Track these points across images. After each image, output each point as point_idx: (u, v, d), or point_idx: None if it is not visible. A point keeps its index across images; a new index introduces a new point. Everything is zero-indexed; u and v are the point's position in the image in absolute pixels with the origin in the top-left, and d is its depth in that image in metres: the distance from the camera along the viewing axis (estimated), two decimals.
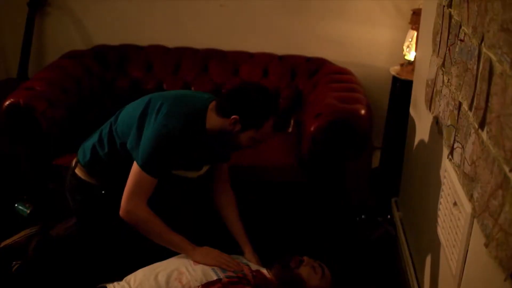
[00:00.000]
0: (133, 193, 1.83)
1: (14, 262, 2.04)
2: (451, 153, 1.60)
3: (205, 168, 2.07)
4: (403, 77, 2.73)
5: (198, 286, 1.76)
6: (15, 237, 2.16)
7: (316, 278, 1.92)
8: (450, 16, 1.70)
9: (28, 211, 2.55)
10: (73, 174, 2.05)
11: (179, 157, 1.88)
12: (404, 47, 2.81)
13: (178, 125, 1.80)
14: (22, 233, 2.18)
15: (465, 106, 1.46)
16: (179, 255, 1.91)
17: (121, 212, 1.84)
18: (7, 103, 2.48)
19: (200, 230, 2.21)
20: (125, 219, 1.84)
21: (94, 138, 2.02)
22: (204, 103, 1.91)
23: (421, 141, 2.19)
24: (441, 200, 1.71)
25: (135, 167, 1.83)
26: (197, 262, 1.86)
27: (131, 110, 1.96)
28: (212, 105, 1.90)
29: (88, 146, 2.02)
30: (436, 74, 1.89)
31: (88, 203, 2.07)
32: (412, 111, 2.51)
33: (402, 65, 2.82)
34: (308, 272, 1.92)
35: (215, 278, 1.79)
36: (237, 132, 1.85)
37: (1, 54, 3.46)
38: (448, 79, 1.68)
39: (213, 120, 1.88)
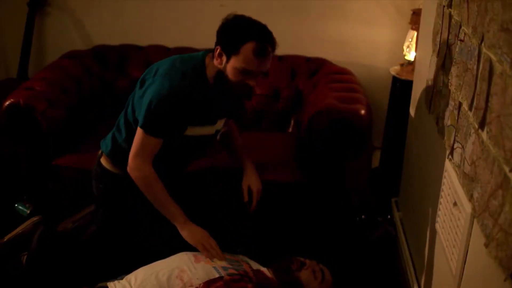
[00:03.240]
0: (137, 153, 1.89)
1: (22, 254, 2.06)
2: (451, 153, 1.60)
3: (220, 122, 2.08)
4: (403, 77, 2.72)
5: (200, 284, 1.76)
6: (18, 229, 2.17)
7: (315, 283, 1.91)
8: (450, 16, 1.70)
9: (28, 211, 2.55)
10: (98, 163, 2.09)
11: (188, 113, 1.89)
12: (404, 47, 2.81)
13: (175, 82, 1.83)
14: (25, 224, 2.19)
15: (465, 106, 1.46)
16: (180, 254, 1.91)
17: (127, 168, 1.91)
18: (7, 103, 2.48)
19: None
20: (131, 176, 1.91)
21: (113, 129, 2.07)
22: (200, 57, 1.94)
23: (421, 141, 2.19)
24: (441, 200, 1.71)
25: (138, 128, 1.88)
26: (183, 237, 1.90)
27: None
28: (209, 56, 1.92)
29: (109, 136, 2.07)
30: (436, 74, 1.89)
31: (108, 192, 2.10)
32: (412, 111, 2.50)
33: (402, 65, 2.82)
34: (307, 276, 1.92)
35: (216, 276, 1.80)
36: (224, 66, 1.85)
37: (1, 54, 3.46)
38: (448, 79, 1.69)
39: (211, 67, 1.90)
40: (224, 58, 1.84)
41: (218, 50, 1.84)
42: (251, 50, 1.79)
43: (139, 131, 1.88)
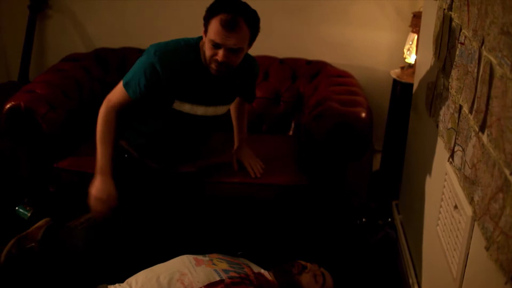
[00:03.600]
0: (110, 98, 2.04)
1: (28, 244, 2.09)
2: (452, 156, 1.60)
3: (221, 108, 2.14)
4: (403, 80, 2.73)
5: (201, 287, 1.76)
6: (32, 228, 2.19)
7: (316, 287, 1.91)
8: (451, 19, 1.70)
9: (29, 214, 2.55)
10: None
11: (172, 85, 1.95)
12: (405, 50, 2.81)
13: (165, 51, 1.93)
14: (38, 224, 2.21)
15: (465, 109, 1.46)
16: (181, 256, 1.91)
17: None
18: (8, 106, 2.48)
19: (202, 233, 2.21)
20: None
21: None
22: (195, 39, 2.00)
23: (422, 144, 2.19)
24: (441, 203, 1.71)
25: (121, 81, 2.03)
26: (91, 184, 1.97)
27: None
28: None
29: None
30: (436, 77, 1.89)
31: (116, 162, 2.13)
32: (412, 114, 2.51)
33: (402, 68, 2.82)
34: (308, 280, 1.92)
35: (217, 279, 1.79)
36: (204, 44, 1.91)
37: (2, 57, 3.47)
38: (449, 82, 1.69)
39: (203, 49, 1.94)
40: (206, 35, 1.89)
41: (204, 29, 1.90)
42: (219, 21, 1.81)
43: (120, 84, 2.02)
